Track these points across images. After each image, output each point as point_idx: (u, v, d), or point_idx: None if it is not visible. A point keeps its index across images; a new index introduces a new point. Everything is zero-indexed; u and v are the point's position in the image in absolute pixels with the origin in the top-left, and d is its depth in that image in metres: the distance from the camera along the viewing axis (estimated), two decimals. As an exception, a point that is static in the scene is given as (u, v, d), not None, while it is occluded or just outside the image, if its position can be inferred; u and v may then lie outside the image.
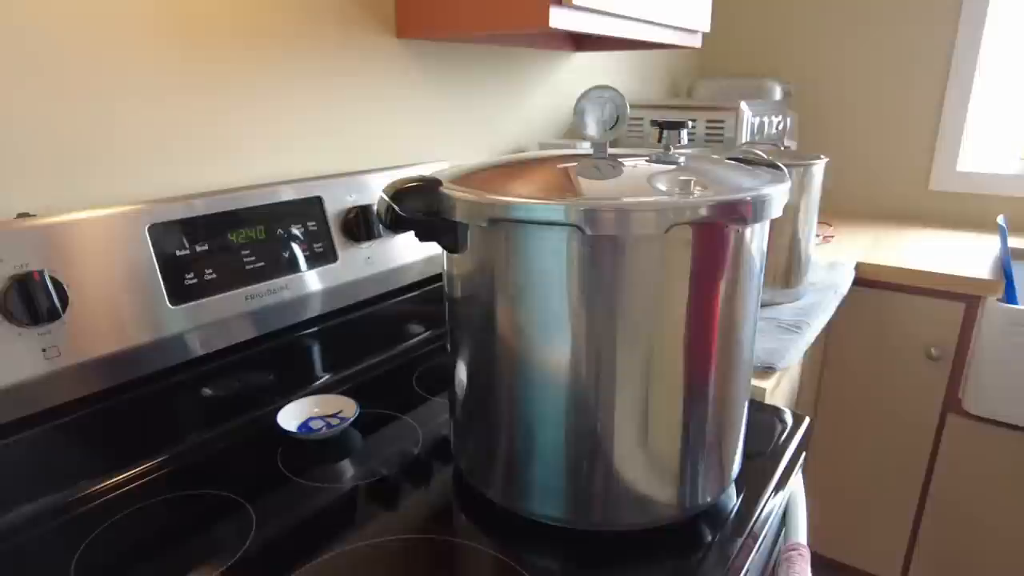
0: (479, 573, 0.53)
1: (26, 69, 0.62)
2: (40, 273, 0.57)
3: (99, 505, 0.62)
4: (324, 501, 0.62)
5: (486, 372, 0.58)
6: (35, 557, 0.55)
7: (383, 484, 0.65)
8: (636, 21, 1.04)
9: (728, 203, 0.49)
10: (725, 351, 0.56)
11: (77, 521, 0.60)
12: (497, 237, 0.53)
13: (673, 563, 0.55)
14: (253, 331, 0.75)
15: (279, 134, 0.85)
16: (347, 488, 0.64)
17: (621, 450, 0.55)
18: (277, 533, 0.58)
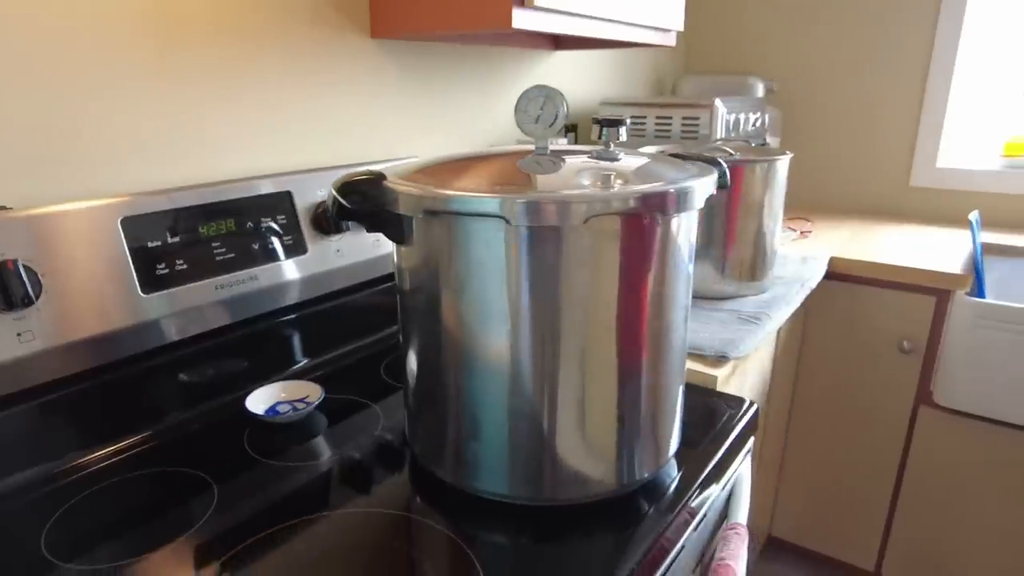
0: (429, 545, 0.57)
1: (2, 66, 0.66)
2: (14, 262, 0.61)
3: (71, 481, 0.66)
4: (285, 479, 0.66)
5: (433, 360, 0.61)
6: (9, 526, 0.59)
7: (342, 465, 0.68)
8: (604, 21, 1.07)
9: (642, 194, 0.52)
10: (655, 336, 0.59)
11: (50, 495, 0.64)
12: (439, 229, 0.56)
13: (613, 535, 0.58)
14: (225, 319, 0.78)
15: (253, 130, 0.89)
16: (308, 468, 0.68)
17: (559, 430, 0.58)
18: (237, 507, 0.61)
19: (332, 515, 0.60)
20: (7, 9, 0.65)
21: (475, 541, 0.57)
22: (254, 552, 0.56)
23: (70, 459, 0.68)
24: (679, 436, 0.67)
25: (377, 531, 0.58)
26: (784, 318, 1.06)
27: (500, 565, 0.54)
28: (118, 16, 0.73)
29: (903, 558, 1.54)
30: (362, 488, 0.64)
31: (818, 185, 1.94)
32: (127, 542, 0.57)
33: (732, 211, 1.09)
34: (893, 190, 1.84)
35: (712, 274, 1.11)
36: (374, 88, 1.05)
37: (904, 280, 1.36)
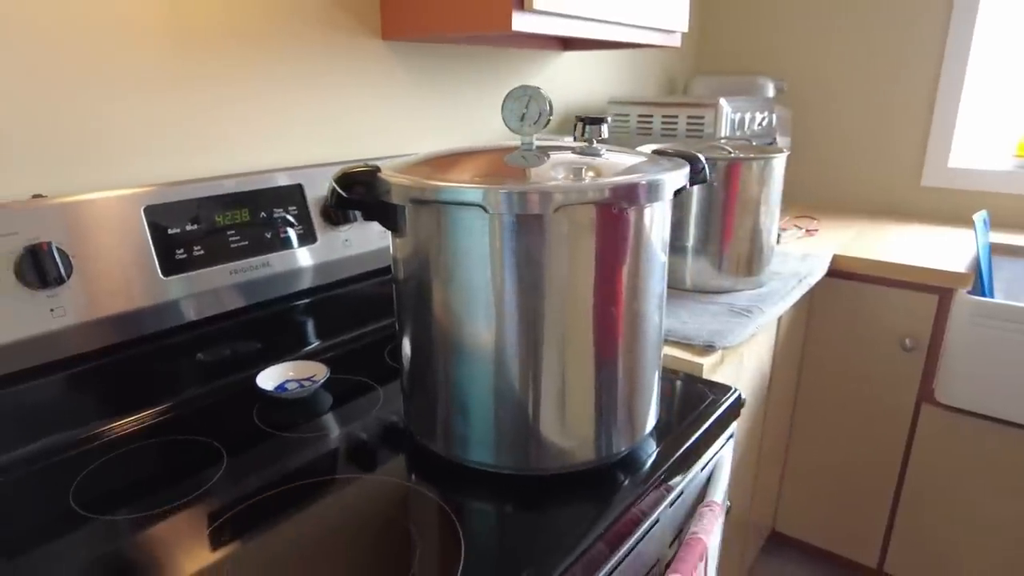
0: (415, 508, 0.62)
1: (38, 69, 0.73)
2: (48, 244, 0.67)
3: (96, 445, 0.72)
4: (290, 449, 0.71)
5: (426, 342, 0.66)
6: (40, 484, 0.66)
7: (344, 438, 0.74)
8: (606, 23, 1.11)
9: (612, 186, 0.56)
10: (630, 320, 0.63)
11: (77, 457, 0.70)
12: (427, 218, 0.61)
13: (589, 503, 0.62)
14: (238, 302, 0.84)
15: (267, 128, 0.95)
16: (311, 439, 0.73)
17: (541, 406, 0.62)
18: (245, 472, 0.67)
19: (332, 480, 0.65)
20: (44, 20, 0.72)
21: (462, 506, 0.62)
22: (259, 509, 0.61)
23: (95, 426, 0.74)
24: (655, 415, 0.71)
25: (372, 496, 0.63)
26: (778, 312, 1.09)
27: (483, 527, 0.59)
28: (140, 24, 0.80)
29: (906, 554, 1.55)
30: (361, 458, 0.69)
31: (828, 184, 1.95)
32: (145, 498, 0.63)
33: (729, 207, 1.12)
34: (904, 190, 1.85)
35: (709, 269, 1.14)
36: (384, 88, 1.11)
37: (907, 278, 1.38)
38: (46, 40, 0.72)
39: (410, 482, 0.66)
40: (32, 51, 0.72)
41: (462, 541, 0.57)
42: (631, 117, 1.52)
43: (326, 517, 0.60)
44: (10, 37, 0.70)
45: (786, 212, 1.84)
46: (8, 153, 0.72)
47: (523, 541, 0.57)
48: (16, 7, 0.70)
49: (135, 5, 0.78)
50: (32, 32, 0.71)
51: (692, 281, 1.16)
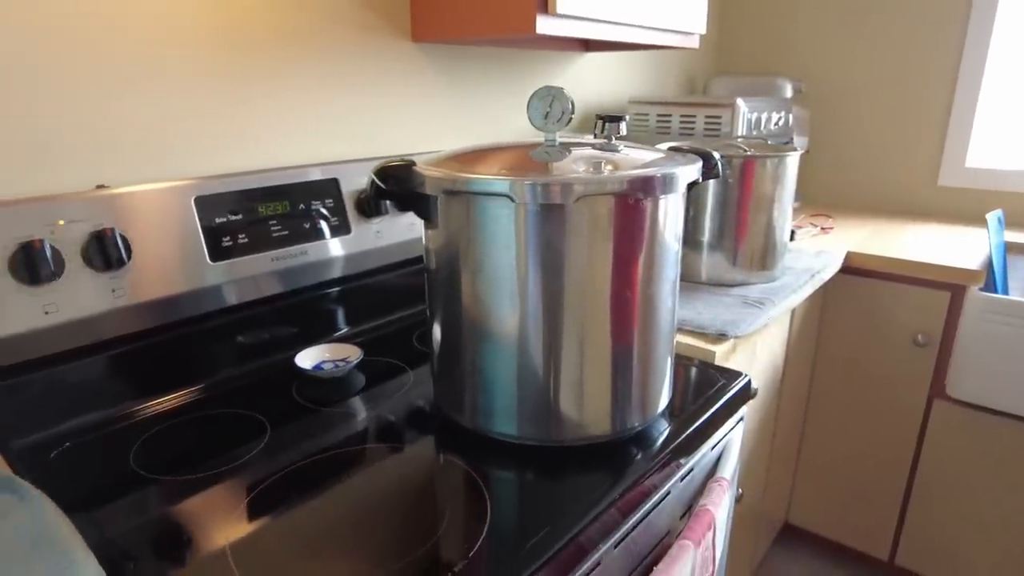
0: (443, 474, 0.67)
1: (100, 71, 0.79)
2: (112, 230, 0.74)
3: (151, 416, 0.79)
4: (327, 421, 0.77)
5: (455, 324, 0.71)
6: (104, 449, 0.72)
7: (376, 412, 0.79)
8: (626, 26, 1.16)
9: (629, 178, 0.61)
10: (644, 304, 0.68)
11: (134, 425, 0.76)
12: (458, 207, 0.66)
13: (605, 473, 0.67)
14: (278, 288, 0.90)
15: (305, 124, 1.01)
16: (346, 413, 0.79)
17: (561, 382, 0.68)
18: (286, 441, 0.73)
19: (368, 449, 0.71)
20: (105, 26, 0.78)
21: (487, 472, 0.67)
22: (302, 473, 0.67)
23: (151, 398, 0.81)
24: (668, 395, 0.76)
25: (405, 462, 0.69)
26: (789, 305, 1.13)
27: (507, 492, 0.64)
28: (192, 28, 0.86)
29: (917, 548, 1.57)
30: (393, 430, 0.75)
31: (846, 183, 1.97)
32: (200, 462, 0.69)
33: (744, 204, 1.16)
34: (921, 189, 1.87)
35: (723, 263, 1.19)
36: (413, 87, 1.16)
37: (919, 275, 1.40)
38: (106, 44, 0.79)
39: (439, 451, 0.71)
40: (94, 54, 0.78)
41: (488, 503, 0.62)
42: (651, 116, 1.56)
43: (363, 481, 0.66)
44: (75, 42, 0.76)
45: (803, 211, 1.87)
46: (74, 147, 0.79)
47: (542, 505, 0.62)
48: (83, 16, 0.76)
49: (187, 11, 0.85)
50: (94, 37, 0.78)
51: (707, 274, 1.20)
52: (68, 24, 0.76)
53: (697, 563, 0.67)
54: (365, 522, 0.59)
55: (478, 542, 0.57)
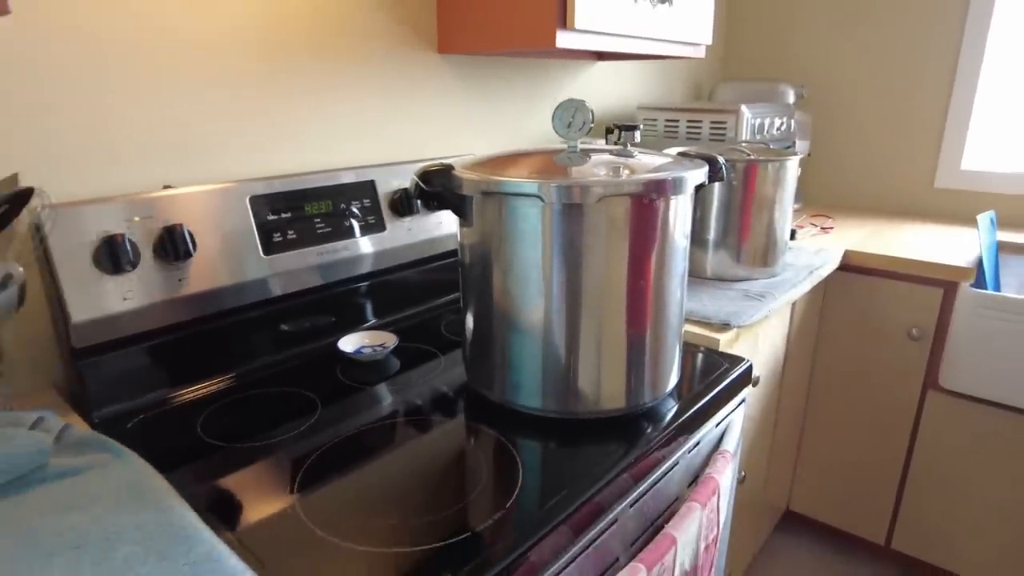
0: (476, 441, 0.76)
1: (163, 85, 0.88)
2: (180, 226, 0.83)
3: (214, 392, 0.88)
4: (371, 398, 0.86)
5: (487, 310, 0.80)
6: (172, 421, 0.81)
7: (414, 389, 0.88)
8: (637, 39, 1.24)
9: (643, 181, 0.70)
10: (656, 292, 0.77)
11: (199, 401, 0.85)
12: (492, 207, 0.75)
13: (619, 443, 0.75)
14: (322, 280, 0.99)
15: (344, 130, 1.10)
16: (387, 391, 0.88)
17: (580, 362, 0.76)
18: (335, 414, 0.82)
19: (408, 421, 0.80)
20: (171, 47, 0.87)
21: (516, 441, 0.76)
22: (351, 441, 0.76)
23: (211, 377, 0.90)
24: (677, 376, 0.84)
25: (442, 432, 0.78)
26: (788, 299, 1.21)
27: (532, 458, 0.73)
28: (243, 49, 0.95)
29: (912, 533, 1.65)
30: (429, 405, 0.84)
31: (846, 186, 2.05)
32: (259, 431, 0.78)
33: (747, 205, 1.25)
34: (918, 191, 1.95)
35: (728, 260, 1.27)
36: (439, 95, 1.25)
37: (914, 272, 1.48)
38: (172, 61, 0.88)
39: (472, 422, 0.80)
40: (162, 69, 0.87)
41: (520, 466, 0.71)
42: (659, 122, 1.65)
43: (407, 447, 0.74)
44: (146, 59, 0.86)
45: (805, 211, 1.95)
46: (144, 151, 0.88)
47: (563, 469, 0.70)
48: (153, 36, 0.86)
49: (241, 30, 0.94)
50: (161, 55, 0.87)
51: (713, 271, 1.29)
52: (140, 44, 0.85)
53: (703, 523, 0.76)
54: (411, 481, 0.68)
55: (513, 497, 0.65)
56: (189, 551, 0.53)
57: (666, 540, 0.69)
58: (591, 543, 0.68)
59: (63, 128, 0.81)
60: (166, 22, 0.87)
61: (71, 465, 0.65)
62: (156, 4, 0.85)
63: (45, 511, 0.58)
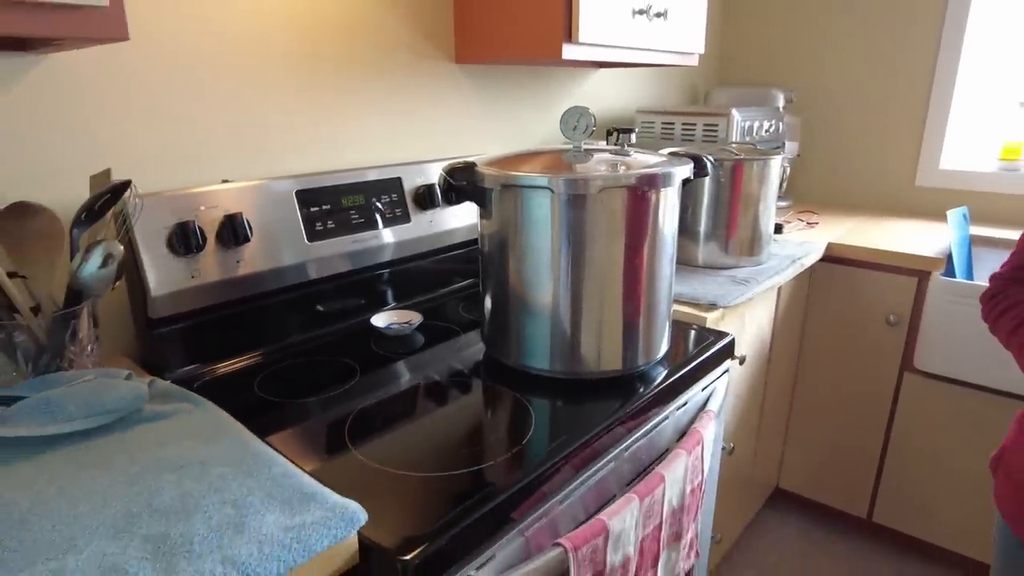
0: (495, 396, 0.89)
1: (220, 93, 1.02)
2: (239, 214, 0.96)
3: (265, 361, 1.01)
4: (401, 365, 0.99)
5: (503, 288, 0.93)
6: (232, 383, 0.94)
7: (439, 359, 1.01)
8: (635, 50, 1.38)
9: (637, 175, 0.83)
10: (649, 271, 0.90)
11: (258, 364, 0.99)
12: (509, 198, 0.88)
13: (616, 399, 0.88)
14: (355, 265, 1.12)
15: (372, 134, 1.23)
16: (415, 359, 1.01)
17: (583, 330, 0.89)
18: (373, 378, 0.95)
19: (436, 382, 0.93)
20: (230, 60, 1.01)
21: (528, 397, 0.89)
22: (390, 400, 0.89)
23: (262, 346, 1.03)
24: (667, 344, 0.97)
25: (466, 390, 0.91)
26: (771, 284, 1.34)
27: (541, 410, 0.86)
28: (285, 62, 1.09)
29: (891, 506, 1.78)
30: (454, 369, 0.97)
31: (833, 184, 2.18)
32: (312, 389, 0.91)
33: (734, 200, 1.38)
34: (900, 189, 2.08)
35: (717, 250, 1.40)
36: (456, 101, 1.39)
37: (890, 263, 1.61)
38: (227, 72, 1.02)
39: (491, 382, 0.93)
40: (220, 79, 1.01)
41: (532, 416, 0.84)
42: (656, 124, 1.78)
43: (436, 402, 0.88)
44: (207, 70, 0.99)
45: (794, 208, 2.08)
46: (207, 151, 1.01)
47: (567, 419, 0.83)
48: (212, 60, 0.99)
49: (285, 44, 1.07)
50: (220, 68, 1.01)
51: (703, 259, 1.42)
52: (205, 62, 0.98)
53: (688, 468, 0.89)
54: (442, 429, 0.81)
55: (526, 438, 0.78)
56: (270, 469, 0.66)
57: (656, 478, 0.82)
58: (590, 478, 0.81)
59: (143, 130, 0.94)
60: (224, 46, 1.00)
61: (161, 410, 0.78)
62: (217, 34, 0.99)
63: (146, 445, 0.72)
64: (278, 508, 0.61)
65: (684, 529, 0.91)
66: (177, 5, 0.94)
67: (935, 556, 1.81)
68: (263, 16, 1.04)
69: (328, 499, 0.61)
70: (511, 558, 0.70)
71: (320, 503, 0.61)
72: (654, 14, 1.36)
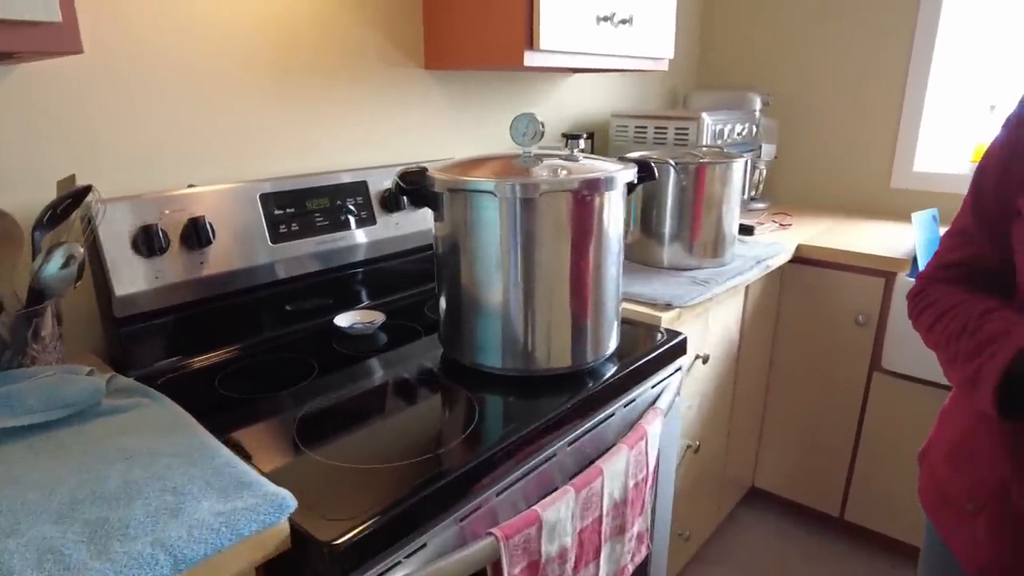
0: (444, 393, 0.92)
1: (185, 99, 1.05)
2: (202, 217, 1.00)
3: (229, 358, 1.04)
4: (361, 364, 1.02)
5: (457, 289, 0.96)
6: (195, 378, 0.98)
7: (398, 357, 1.04)
8: (601, 56, 1.41)
9: (577, 180, 0.86)
10: (595, 271, 0.93)
11: (218, 363, 1.02)
12: (458, 201, 0.92)
13: (567, 395, 0.91)
14: (320, 266, 1.16)
15: (343, 137, 1.27)
16: (376, 358, 1.04)
17: (533, 328, 0.93)
18: (328, 376, 0.98)
19: (389, 381, 0.96)
20: (196, 65, 1.05)
21: (478, 393, 0.92)
22: (340, 394, 0.92)
23: (227, 345, 1.06)
24: (616, 341, 1.01)
25: (416, 388, 0.94)
26: (731, 285, 1.37)
27: (492, 405, 0.89)
28: (256, 64, 1.12)
29: (862, 504, 1.80)
30: (409, 367, 1.00)
31: (810, 185, 2.21)
32: (270, 386, 0.95)
33: (697, 202, 1.41)
34: (876, 191, 2.10)
35: (681, 251, 1.43)
36: (426, 106, 1.42)
37: (857, 264, 1.64)
38: (193, 80, 1.05)
39: (446, 379, 0.96)
40: (185, 87, 1.05)
41: (478, 410, 0.87)
42: (630, 128, 1.81)
43: (387, 400, 0.91)
44: (172, 77, 1.03)
45: (770, 210, 2.11)
46: (172, 157, 1.05)
47: (510, 414, 0.87)
48: (175, 68, 1.03)
49: (252, 51, 1.11)
50: (185, 75, 1.04)
51: (668, 261, 1.45)
52: (167, 70, 1.02)
53: (630, 462, 0.92)
54: (389, 424, 0.84)
55: (468, 430, 0.82)
56: (213, 460, 0.70)
57: (594, 471, 0.85)
58: (533, 470, 0.84)
59: (110, 137, 0.98)
60: (185, 54, 1.04)
61: (119, 404, 0.82)
62: (183, 41, 1.03)
63: (102, 436, 0.75)
64: (214, 495, 0.64)
65: (628, 522, 0.94)
66: (143, 13, 0.98)
67: (906, 553, 1.83)
68: (230, 24, 1.08)
69: (262, 487, 0.65)
70: (446, 546, 0.73)
71: (254, 491, 0.64)
72: (619, 20, 1.39)
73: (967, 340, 0.69)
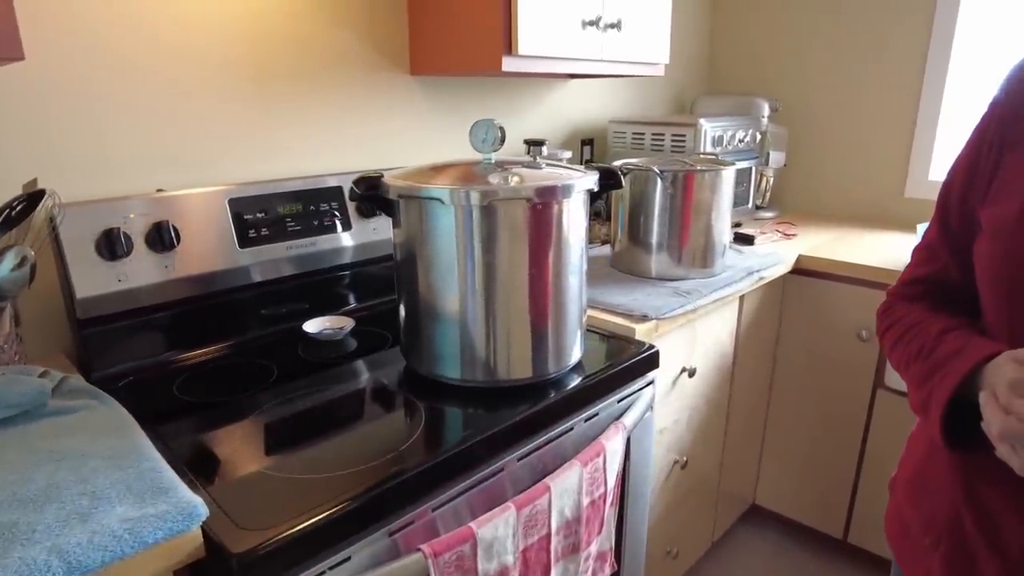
0: (396, 404, 0.91)
1: (157, 101, 1.06)
2: (167, 222, 1.00)
3: (191, 363, 1.05)
4: (323, 370, 1.01)
5: (415, 298, 0.95)
6: (154, 382, 0.98)
7: (361, 365, 1.03)
8: (588, 61, 1.38)
9: (532, 187, 0.84)
10: (555, 282, 0.90)
11: (178, 368, 1.03)
12: (413, 208, 0.90)
13: (527, 406, 0.89)
14: (291, 271, 1.16)
15: (322, 142, 1.27)
16: (339, 365, 1.03)
17: (494, 339, 0.90)
18: (286, 383, 0.98)
19: (350, 386, 0.95)
20: (165, 70, 1.06)
21: (432, 404, 0.90)
22: (300, 399, 0.91)
23: (189, 348, 1.07)
24: (579, 352, 0.98)
25: (371, 396, 0.93)
26: (717, 296, 1.33)
27: (449, 416, 0.87)
28: (234, 67, 1.13)
29: (866, 528, 1.73)
30: (371, 376, 0.99)
31: (821, 194, 2.14)
32: (227, 391, 0.94)
33: (686, 210, 1.37)
34: (890, 200, 2.03)
35: (668, 261, 1.39)
36: (411, 112, 1.41)
37: (858, 276, 1.58)
38: (165, 83, 1.06)
39: (402, 389, 0.95)
40: (158, 90, 1.06)
41: (422, 423, 0.85)
42: (627, 134, 1.78)
43: (346, 407, 0.90)
44: (142, 81, 1.04)
45: (779, 219, 2.05)
46: (142, 161, 1.06)
47: (466, 423, 0.85)
48: (148, 60, 1.04)
49: (230, 54, 1.12)
50: (157, 78, 1.05)
51: (656, 271, 1.41)
52: (137, 72, 1.03)
53: (583, 479, 0.89)
54: (334, 434, 0.83)
55: (405, 445, 0.80)
56: (140, 464, 0.69)
57: (540, 488, 0.83)
58: (476, 485, 0.82)
59: (70, 144, 0.99)
60: (152, 60, 1.05)
61: (67, 406, 0.82)
62: (146, 49, 1.04)
63: (43, 436, 0.76)
64: (131, 501, 0.63)
65: (583, 541, 0.91)
66: (100, 18, 0.99)
67: (912, 580, 1.75)
68: (201, 29, 1.09)
69: (177, 494, 0.64)
70: (374, 559, 0.71)
71: (168, 498, 0.63)
72: (606, 25, 1.37)
73: (921, 363, 0.65)
